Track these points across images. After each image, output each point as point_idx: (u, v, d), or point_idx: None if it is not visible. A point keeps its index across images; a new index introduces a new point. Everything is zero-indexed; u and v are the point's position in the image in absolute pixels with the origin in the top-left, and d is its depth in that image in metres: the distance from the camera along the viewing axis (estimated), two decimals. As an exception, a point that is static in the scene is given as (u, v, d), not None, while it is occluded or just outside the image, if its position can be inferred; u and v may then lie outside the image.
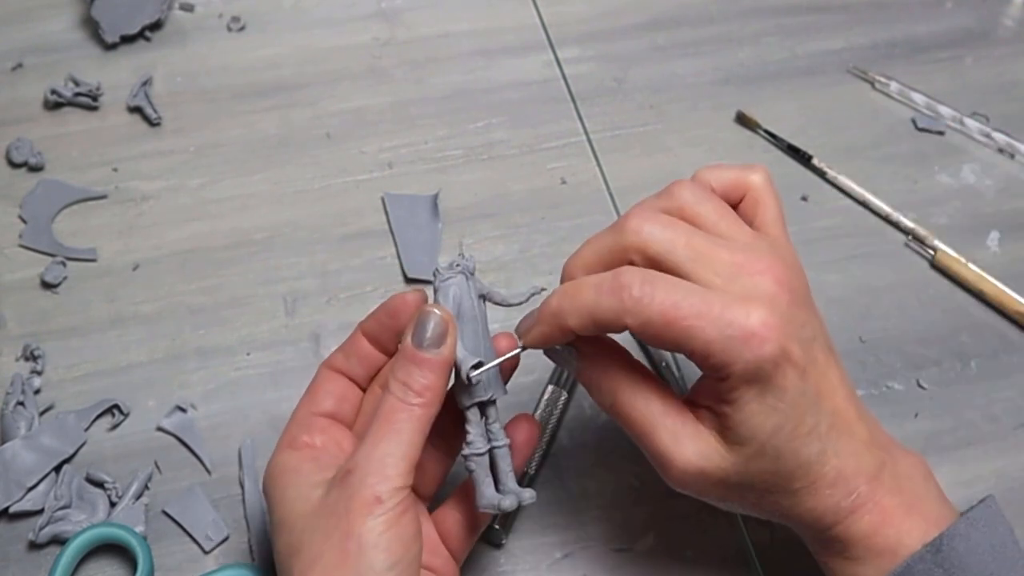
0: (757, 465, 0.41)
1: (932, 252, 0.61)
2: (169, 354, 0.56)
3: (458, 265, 0.44)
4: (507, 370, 0.46)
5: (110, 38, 0.68)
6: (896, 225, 0.63)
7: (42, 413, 0.54)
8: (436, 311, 0.42)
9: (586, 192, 0.64)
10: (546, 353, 0.45)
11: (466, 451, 0.44)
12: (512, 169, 0.64)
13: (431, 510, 0.47)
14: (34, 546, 0.50)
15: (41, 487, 0.51)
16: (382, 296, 0.58)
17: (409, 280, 0.59)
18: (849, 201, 0.64)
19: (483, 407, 0.44)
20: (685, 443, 0.42)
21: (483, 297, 0.45)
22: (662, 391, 0.43)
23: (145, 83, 0.66)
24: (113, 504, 0.51)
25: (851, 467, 0.42)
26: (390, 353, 0.46)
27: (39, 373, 0.55)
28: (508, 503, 0.43)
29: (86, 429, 0.53)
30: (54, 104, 0.65)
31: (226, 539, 0.51)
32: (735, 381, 0.40)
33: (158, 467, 0.53)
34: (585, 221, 0.62)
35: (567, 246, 0.61)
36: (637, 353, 0.57)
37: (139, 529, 0.50)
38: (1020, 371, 0.58)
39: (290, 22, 0.71)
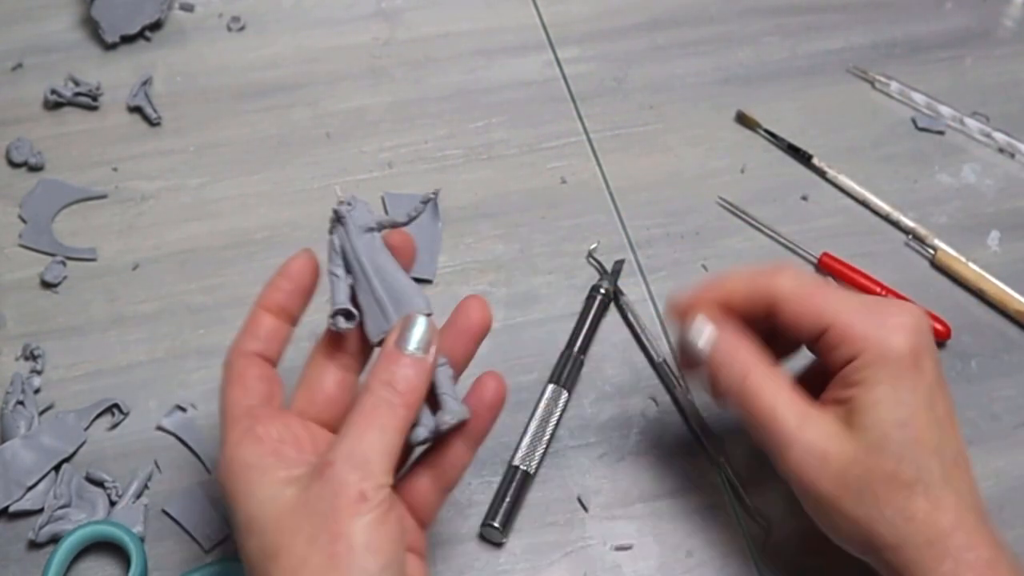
0: (878, 459, 0.41)
1: (932, 251, 0.61)
2: (169, 354, 0.56)
3: (335, 213, 0.44)
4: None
5: (110, 38, 0.68)
6: (896, 225, 0.63)
7: (42, 412, 0.54)
8: (422, 318, 0.42)
9: (586, 192, 0.64)
10: (680, 332, 0.46)
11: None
12: (512, 169, 0.64)
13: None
14: (34, 545, 0.50)
15: (41, 486, 0.51)
16: (382, 296, 0.59)
17: (409, 280, 0.59)
18: (849, 201, 0.64)
19: None
20: (809, 424, 0.42)
21: (372, 228, 0.44)
22: (787, 377, 0.44)
23: (145, 83, 0.66)
24: (113, 503, 0.51)
25: (972, 522, 0.42)
26: (295, 320, 0.46)
27: (39, 373, 0.55)
28: (421, 432, 0.42)
29: (86, 428, 0.53)
30: (54, 104, 0.65)
31: (226, 538, 0.51)
32: (868, 358, 0.42)
33: (158, 466, 0.53)
34: (585, 221, 0.62)
35: (567, 246, 0.61)
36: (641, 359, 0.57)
37: (138, 528, 0.50)
38: (1021, 370, 0.57)
39: (290, 22, 0.71)
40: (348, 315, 0.43)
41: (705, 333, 0.45)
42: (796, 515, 0.52)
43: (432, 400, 0.43)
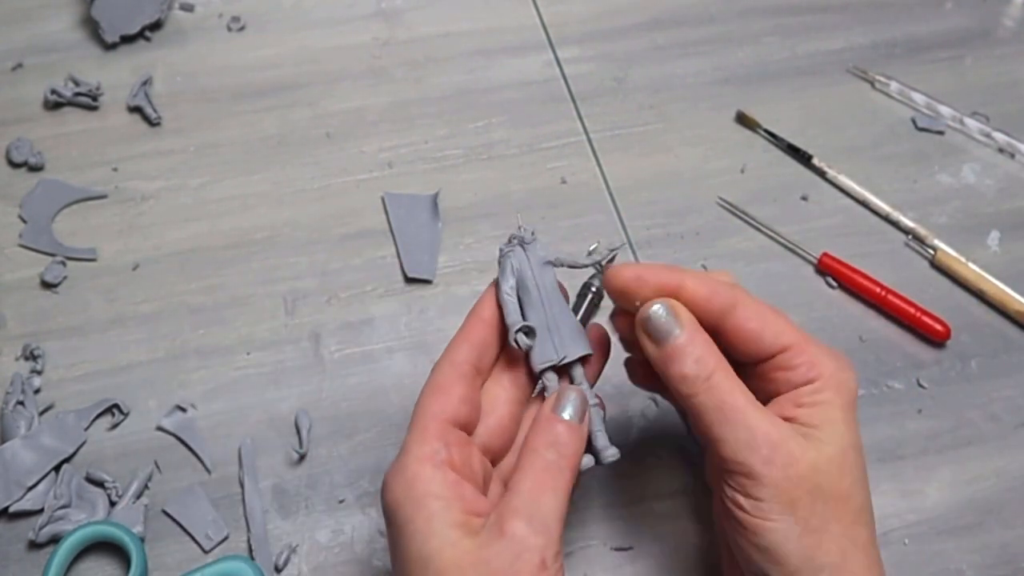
0: (838, 475, 0.41)
1: (932, 251, 0.61)
2: (169, 354, 0.56)
3: (515, 239, 0.45)
4: (599, 344, 0.47)
5: (110, 38, 0.68)
6: (896, 225, 0.63)
7: (42, 413, 0.54)
8: (578, 390, 0.43)
9: (586, 192, 0.64)
10: (647, 316, 0.43)
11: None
12: (512, 169, 0.64)
13: None
14: (34, 545, 0.50)
15: (41, 487, 0.51)
16: (382, 296, 0.59)
17: (409, 280, 0.59)
18: (849, 201, 0.64)
19: (564, 370, 0.45)
20: (776, 424, 0.42)
21: (551, 263, 0.45)
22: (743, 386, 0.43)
23: (145, 83, 0.66)
24: (113, 503, 0.51)
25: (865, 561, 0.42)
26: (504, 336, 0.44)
27: (39, 373, 0.55)
28: (585, 462, 0.43)
29: (86, 429, 0.53)
30: (54, 104, 0.65)
31: (226, 538, 0.51)
32: (824, 384, 0.42)
33: (158, 467, 0.53)
34: (585, 221, 0.62)
35: (567, 246, 0.61)
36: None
37: (138, 529, 0.50)
38: (1020, 370, 0.57)
39: (290, 22, 0.71)
40: (529, 332, 0.43)
41: (675, 320, 0.43)
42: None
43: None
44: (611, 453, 0.44)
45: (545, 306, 0.44)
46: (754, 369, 0.44)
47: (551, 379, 0.44)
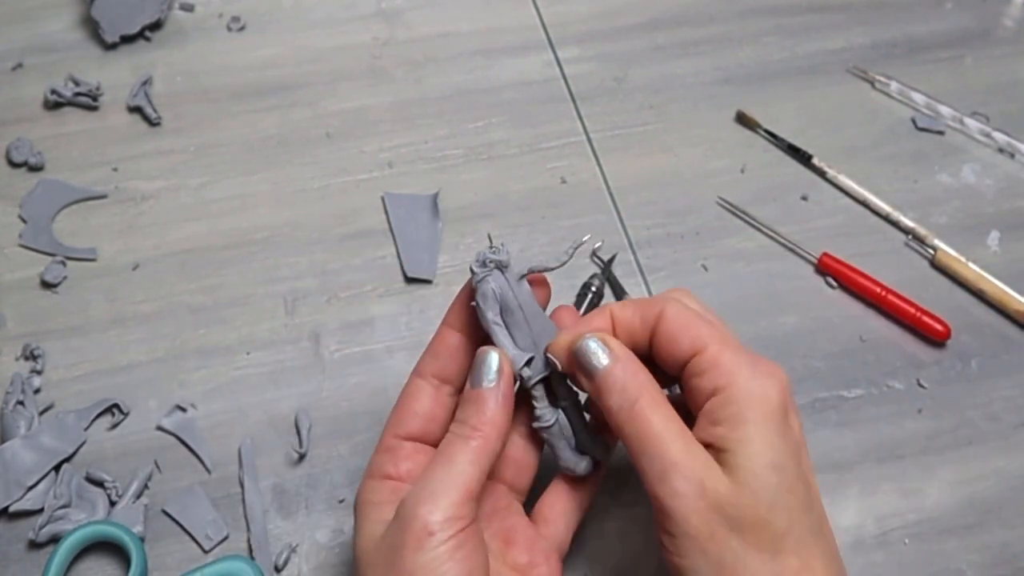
0: (751, 501, 0.39)
1: (932, 251, 0.61)
2: (169, 354, 0.56)
3: (490, 261, 0.44)
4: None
5: (110, 38, 0.68)
6: (896, 225, 0.63)
7: (42, 413, 0.54)
8: (491, 352, 0.43)
9: (586, 192, 0.64)
10: (576, 352, 0.43)
11: (535, 425, 0.45)
12: (512, 169, 0.64)
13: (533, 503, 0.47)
14: (34, 545, 0.50)
15: (41, 486, 0.51)
16: (382, 295, 0.59)
17: (409, 280, 0.59)
18: (849, 201, 0.64)
19: (547, 379, 0.45)
20: (692, 454, 0.40)
21: (526, 277, 0.45)
22: (675, 414, 0.42)
23: (145, 83, 0.66)
24: (113, 503, 0.51)
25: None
26: (478, 340, 0.45)
27: (39, 373, 0.55)
28: (584, 466, 0.45)
29: (86, 429, 0.53)
30: (54, 104, 0.65)
31: (226, 538, 0.51)
32: (735, 393, 0.40)
33: (158, 466, 0.53)
34: (585, 221, 0.62)
35: (567, 245, 0.61)
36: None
37: (138, 528, 0.50)
38: (1020, 370, 0.57)
39: (290, 22, 0.71)
40: (531, 362, 0.44)
41: (605, 348, 0.42)
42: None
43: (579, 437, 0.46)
44: (602, 450, 0.45)
45: (529, 323, 0.44)
46: (682, 382, 0.43)
47: (539, 389, 0.45)
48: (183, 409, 0.54)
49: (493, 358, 0.43)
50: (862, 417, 0.55)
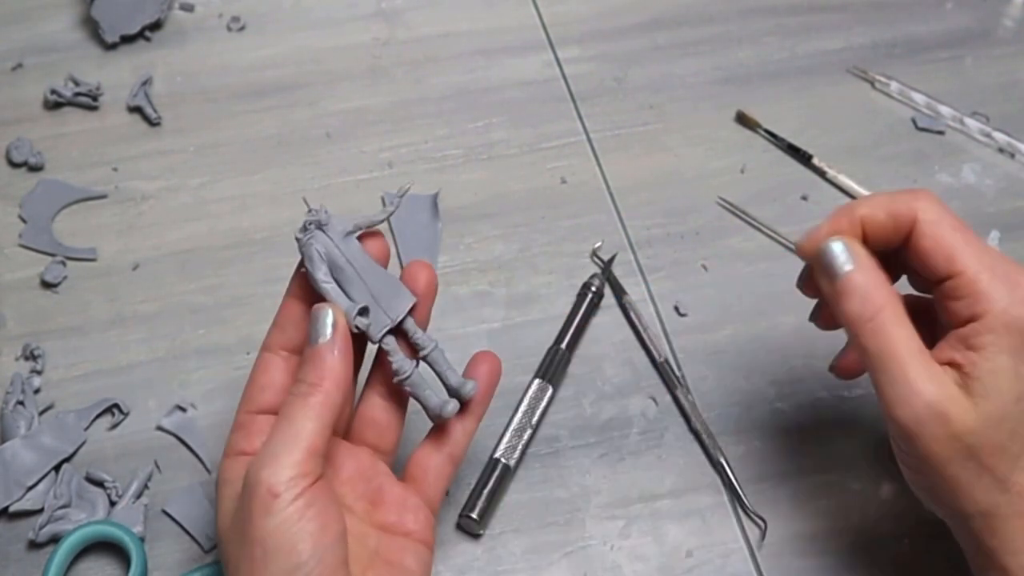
0: (993, 431, 0.40)
1: (932, 252, 0.61)
2: (169, 354, 0.56)
3: (310, 224, 0.44)
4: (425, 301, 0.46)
5: (110, 38, 0.68)
6: (896, 225, 0.63)
7: (42, 412, 0.54)
8: (323, 307, 0.42)
9: (586, 192, 0.64)
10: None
11: (395, 379, 0.44)
12: (512, 169, 0.64)
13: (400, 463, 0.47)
14: (34, 545, 0.50)
15: (41, 486, 0.51)
16: (382, 296, 0.59)
17: (409, 280, 0.59)
18: (849, 200, 0.64)
19: (396, 329, 0.44)
20: (934, 381, 0.40)
21: (354, 234, 0.45)
22: (915, 330, 0.42)
23: (145, 83, 0.66)
24: (113, 503, 0.51)
25: None
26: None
27: (39, 372, 0.55)
28: (450, 408, 0.44)
29: (86, 428, 0.53)
30: (54, 104, 0.65)
31: (226, 538, 0.51)
32: (991, 322, 0.40)
33: (158, 466, 0.53)
34: (585, 221, 0.62)
35: (567, 246, 0.61)
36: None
37: (138, 528, 0.50)
38: (1020, 371, 0.57)
39: (290, 22, 0.71)
40: (364, 311, 0.43)
41: (849, 254, 0.42)
42: (796, 516, 0.52)
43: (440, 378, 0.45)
44: (470, 387, 0.45)
45: (362, 277, 0.44)
46: (937, 297, 0.43)
47: (389, 342, 0.44)
48: (183, 409, 0.54)
49: (326, 313, 0.42)
50: (862, 417, 0.55)
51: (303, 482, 0.39)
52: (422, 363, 0.46)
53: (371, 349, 0.46)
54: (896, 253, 0.44)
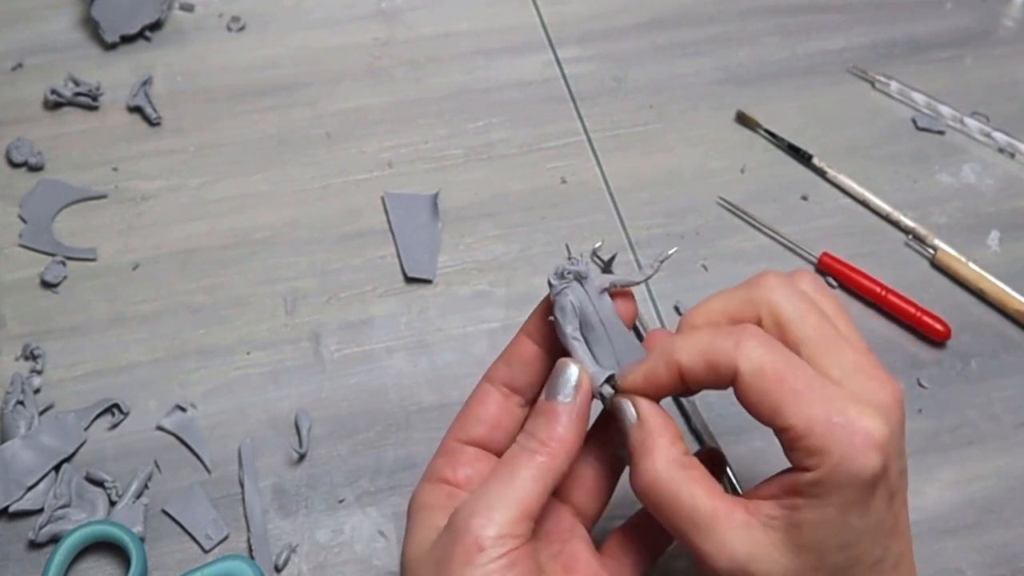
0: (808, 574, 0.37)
1: (932, 251, 0.61)
2: (169, 354, 0.56)
3: (569, 273, 0.42)
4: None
5: (110, 38, 0.68)
6: (896, 224, 0.63)
7: (42, 412, 0.54)
8: (570, 365, 0.40)
9: (586, 192, 0.64)
10: (610, 404, 0.41)
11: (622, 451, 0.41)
12: (512, 169, 0.64)
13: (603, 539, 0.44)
14: (34, 545, 0.50)
15: (41, 486, 0.51)
16: (382, 295, 0.59)
17: (409, 280, 0.59)
18: (849, 200, 0.64)
19: None
20: (734, 535, 0.37)
21: (608, 291, 0.42)
22: (712, 479, 0.39)
23: (145, 83, 0.66)
24: (113, 503, 0.51)
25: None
26: (556, 353, 0.42)
27: (39, 372, 0.55)
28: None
29: (86, 428, 0.53)
30: (54, 104, 0.65)
31: (226, 538, 0.51)
32: (823, 475, 0.36)
33: (158, 466, 0.53)
34: (585, 221, 0.62)
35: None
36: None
37: (138, 528, 0.50)
38: (1020, 370, 0.57)
39: (290, 22, 0.71)
40: (611, 379, 0.41)
41: (630, 412, 0.40)
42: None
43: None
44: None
45: (611, 339, 0.42)
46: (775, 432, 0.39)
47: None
48: (183, 409, 0.54)
49: (573, 372, 0.40)
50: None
51: (511, 543, 0.37)
52: None
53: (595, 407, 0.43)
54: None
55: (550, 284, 0.42)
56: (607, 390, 0.41)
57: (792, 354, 0.38)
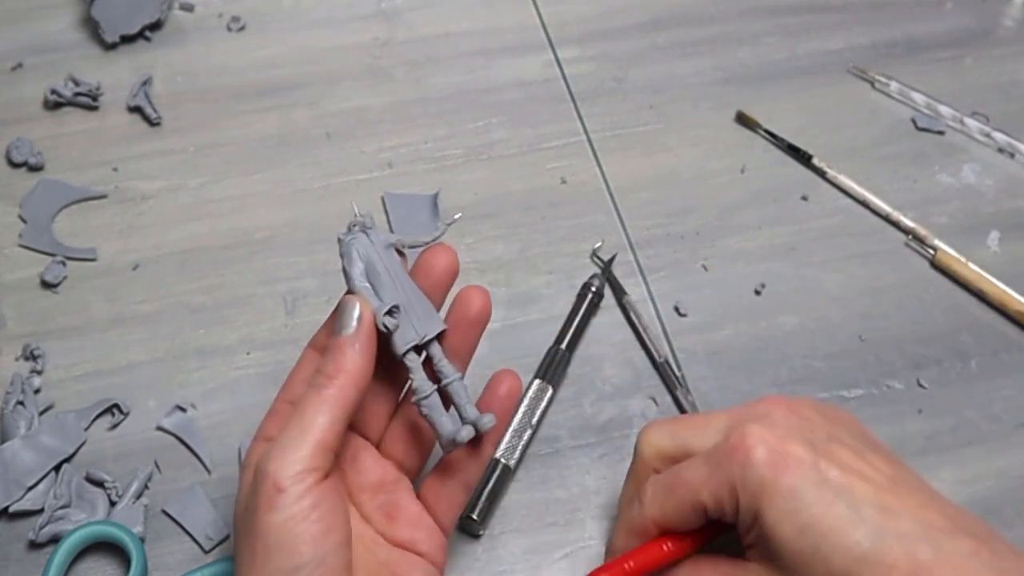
0: (804, 572, 0.38)
1: (932, 252, 0.61)
2: (169, 354, 0.56)
3: (356, 226, 0.44)
4: (466, 323, 0.45)
5: (110, 38, 0.68)
6: (896, 225, 0.63)
7: (42, 413, 0.54)
8: (352, 299, 0.41)
9: (586, 192, 0.64)
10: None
11: (413, 398, 0.43)
12: (512, 169, 0.64)
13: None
14: (34, 545, 0.50)
15: (41, 486, 0.51)
16: (382, 296, 0.59)
17: (409, 280, 0.59)
18: (849, 201, 0.64)
19: (423, 349, 0.44)
20: None
21: (394, 247, 0.44)
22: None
23: (145, 83, 0.66)
24: (113, 503, 0.51)
25: (928, 554, 0.37)
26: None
27: (39, 373, 0.55)
28: (464, 434, 0.42)
29: (86, 429, 0.53)
30: (54, 104, 0.65)
31: (226, 538, 0.51)
32: (747, 500, 0.39)
33: (158, 467, 0.53)
34: (585, 221, 0.62)
35: (567, 246, 0.61)
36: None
37: (138, 528, 0.50)
38: (1020, 370, 0.57)
39: (290, 22, 0.71)
40: (393, 311, 0.43)
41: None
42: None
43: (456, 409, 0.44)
44: (487, 421, 0.43)
45: (398, 288, 0.43)
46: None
47: (413, 359, 0.43)
48: (183, 409, 0.54)
49: (353, 306, 0.41)
50: (862, 417, 0.55)
51: (310, 477, 0.38)
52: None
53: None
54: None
55: (339, 240, 0.44)
56: (389, 321, 0.42)
57: (672, 469, 0.43)
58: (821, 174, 0.65)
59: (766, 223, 0.62)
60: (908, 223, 0.62)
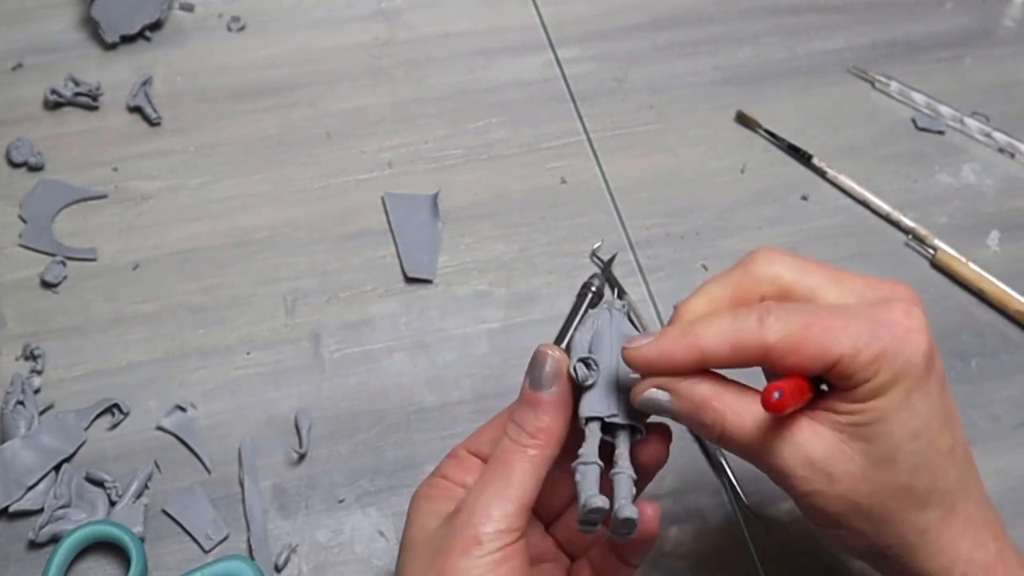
0: (890, 474, 0.38)
1: (932, 251, 0.61)
2: (169, 354, 0.56)
3: (607, 302, 0.44)
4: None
5: (110, 38, 0.68)
6: (896, 224, 0.63)
7: (42, 412, 0.54)
8: (550, 351, 0.41)
9: (586, 192, 0.64)
10: (639, 403, 0.40)
11: (574, 463, 0.40)
12: (512, 169, 0.64)
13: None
14: (34, 545, 0.50)
15: (41, 486, 0.51)
16: (382, 296, 0.59)
17: (409, 280, 0.59)
18: (849, 200, 0.64)
19: (609, 429, 0.41)
20: (807, 447, 0.38)
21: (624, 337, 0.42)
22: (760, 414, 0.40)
23: (145, 83, 0.66)
24: (113, 503, 0.51)
25: (980, 517, 0.40)
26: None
27: (39, 372, 0.55)
28: (599, 503, 0.39)
29: (86, 428, 0.53)
30: (54, 104, 0.65)
31: (226, 538, 0.51)
32: (883, 374, 0.37)
33: (158, 466, 0.53)
34: (585, 221, 0.62)
35: (567, 246, 0.61)
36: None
37: (138, 528, 0.50)
38: (1021, 370, 0.57)
39: (290, 22, 0.71)
40: (590, 365, 0.41)
41: (663, 398, 0.40)
42: (796, 515, 0.52)
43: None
44: (630, 526, 0.40)
45: (618, 367, 0.41)
46: (830, 380, 0.40)
47: (593, 430, 0.41)
48: (183, 409, 0.54)
49: (551, 358, 0.41)
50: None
51: (507, 537, 0.39)
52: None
53: None
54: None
55: (587, 288, 0.46)
56: (581, 370, 0.41)
57: (808, 304, 0.40)
58: (821, 174, 0.65)
59: (766, 223, 0.62)
60: (908, 223, 0.62)
